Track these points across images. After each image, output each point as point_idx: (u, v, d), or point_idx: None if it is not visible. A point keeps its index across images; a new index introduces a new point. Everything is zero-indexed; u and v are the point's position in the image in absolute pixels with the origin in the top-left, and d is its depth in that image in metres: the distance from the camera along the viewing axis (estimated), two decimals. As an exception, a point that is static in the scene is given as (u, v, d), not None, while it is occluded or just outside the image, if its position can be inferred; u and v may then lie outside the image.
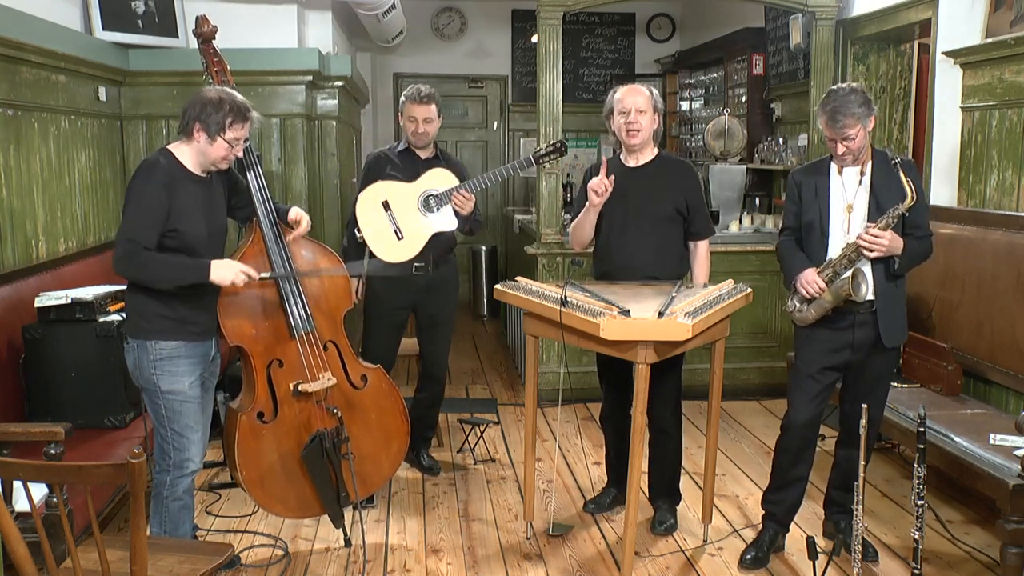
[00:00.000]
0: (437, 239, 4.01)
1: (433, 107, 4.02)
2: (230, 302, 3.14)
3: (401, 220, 3.96)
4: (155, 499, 3.08)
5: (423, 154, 4.10)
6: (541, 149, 4.12)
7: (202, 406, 3.10)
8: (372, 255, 3.92)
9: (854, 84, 3.19)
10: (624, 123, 3.53)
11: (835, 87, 3.18)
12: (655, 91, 3.61)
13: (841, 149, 3.14)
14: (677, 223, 3.62)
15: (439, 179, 4.00)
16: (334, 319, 3.45)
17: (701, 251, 3.70)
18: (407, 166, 4.04)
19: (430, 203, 3.97)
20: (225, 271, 2.97)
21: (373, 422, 3.51)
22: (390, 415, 3.57)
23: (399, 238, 3.96)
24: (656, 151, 3.65)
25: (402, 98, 4.07)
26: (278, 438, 3.28)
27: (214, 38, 3.37)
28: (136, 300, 2.98)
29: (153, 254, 2.88)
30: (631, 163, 3.63)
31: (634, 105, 3.51)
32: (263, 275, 3.12)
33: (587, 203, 3.55)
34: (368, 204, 3.96)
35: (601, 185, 3.44)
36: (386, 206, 3.95)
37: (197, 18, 3.35)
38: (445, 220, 4.00)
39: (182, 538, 3.08)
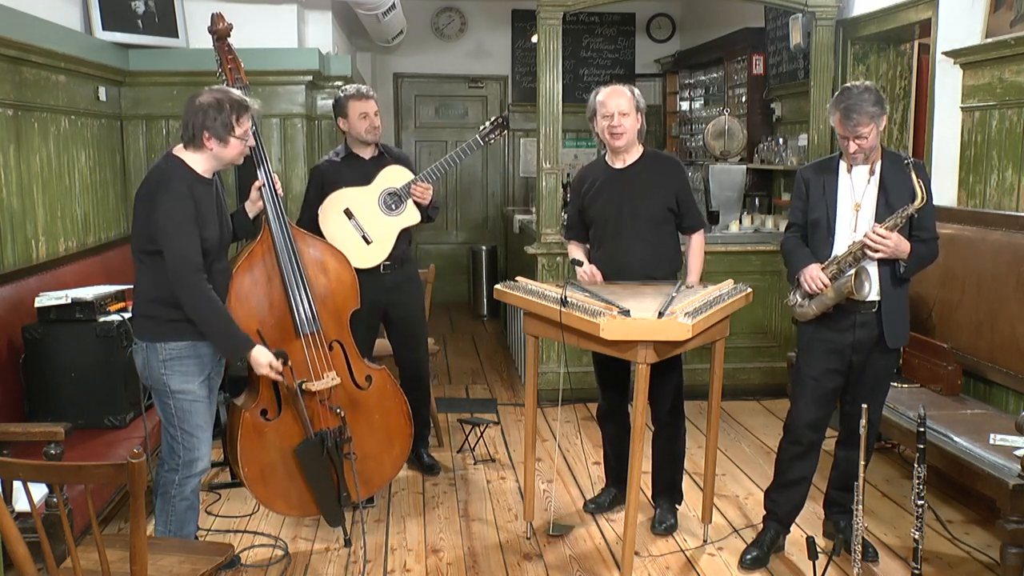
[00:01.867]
0: (402, 236, 4.04)
1: (375, 100, 4.08)
2: (237, 300, 3.15)
3: (367, 224, 3.97)
4: (162, 498, 3.08)
5: (367, 154, 4.11)
6: (486, 128, 4.18)
7: (209, 406, 3.11)
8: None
9: (868, 83, 3.16)
10: (607, 126, 3.55)
11: (849, 85, 3.16)
12: (636, 91, 3.61)
13: (853, 147, 3.13)
14: (669, 220, 3.63)
15: (394, 176, 4.03)
16: (340, 319, 3.46)
17: (695, 243, 3.72)
18: (355, 170, 4.04)
19: (391, 201, 3.99)
20: (265, 358, 3.03)
21: (376, 423, 3.52)
22: (393, 416, 3.57)
23: (368, 243, 3.97)
24: (642, 150, 3.66)
25: (341, 101, 4.04)
26: (281, 436, 3.29)
27: (229, 36, 3.37)
28: (144, 303, 2.98)
29: (209, 292, 2.90)
30: (617, 164, 3.64)
31: (616, 108, 3.52)
32: (296, 383, 3.23)
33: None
34: (330, 216, 3.96)
35: (589, 276, 3.57)
36: (348, 214, 3.96)
37: (213, 15, 3.36)
38: (409, 215, 4.03)
39: (185, 538, 3.08)
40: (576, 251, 3.79)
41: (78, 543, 2.40)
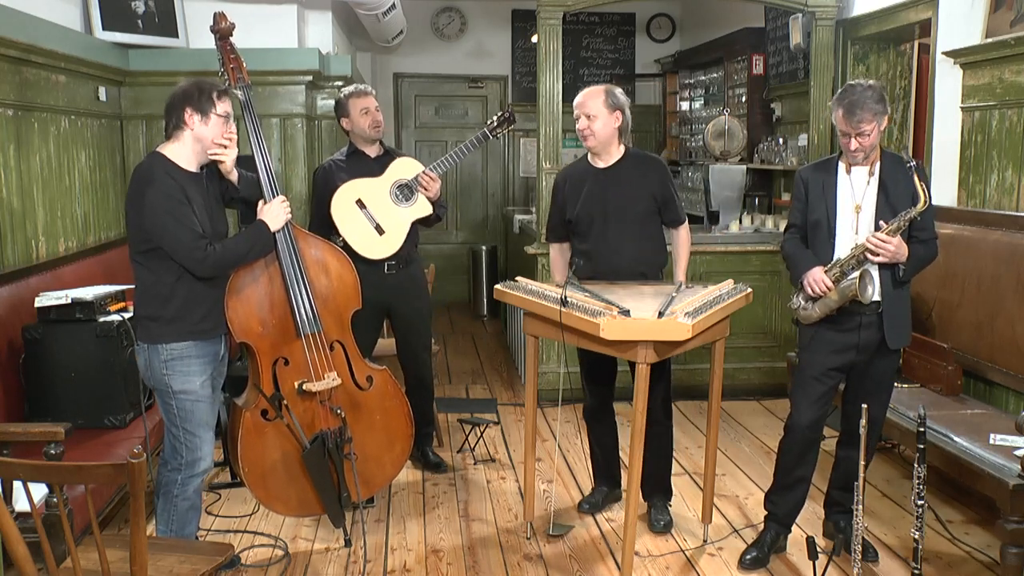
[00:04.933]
0: (412, 231, 4.04)
1: (375, 96, 4.12)
2: (238, 299, 3.16)
3: (378, 215, 3.98)
4: (164, 498, 3.09)
5: (372, 152, 4.13)
6: (493, 122, 4.21)
7: (212, 406, 3.11)
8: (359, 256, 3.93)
9: (871, 81, 3.16)
10: (577, 128, 3.58)
11: (853, 82, 3.16)
12: (616, 91, 3.58)
13: (854, 145, 3.12)
14: (653, 218, 3.65)
15: (406, 168, 4.05)
16: (341, 319, 3.45)
17: (681, 237, 3.75)
18: (361, 169, 4.05)
19: (402, 193, 4.00)
20: (277, 215, 3.14)
21: (377, 423, 3.52)
22: (394, 417, 3.57)
23: (380, 233, 3.97)
24: (623, 150, 3.64)
25: (342, 101, 4.10)
26: (281, 436, 3.29)
27: (231, 35, 3.37)
28: (144, 304, 2.99)
29: (218, 246, 2.95)
30: (600, 164, 3.64)
31: (582, 110, 3.55)
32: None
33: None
34: (343, 206, 3.96)
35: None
36: (360, 204, 3.97)
37: (215, 14, 3.36)
38: (420, 207, 4.04)
39: (186, 538, 3.08)
40: (557, 259, 3.84)
41: (78, 543, 2.40)
